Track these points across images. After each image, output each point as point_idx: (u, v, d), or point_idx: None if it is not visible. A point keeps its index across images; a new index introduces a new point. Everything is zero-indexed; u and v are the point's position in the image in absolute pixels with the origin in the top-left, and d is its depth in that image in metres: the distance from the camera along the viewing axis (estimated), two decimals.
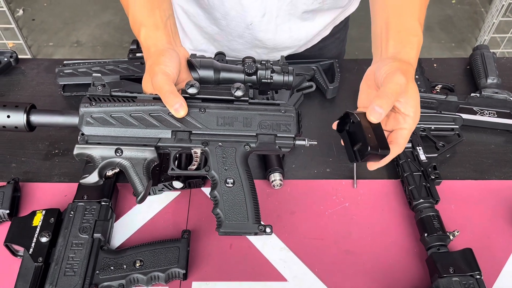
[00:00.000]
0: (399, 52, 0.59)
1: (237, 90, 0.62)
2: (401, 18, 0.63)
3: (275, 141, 0.63)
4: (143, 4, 0.67)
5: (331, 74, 0.92)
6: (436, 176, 0.73)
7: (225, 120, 0.63)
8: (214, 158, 0.62)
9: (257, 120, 0.63)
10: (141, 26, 0.66)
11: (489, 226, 0.72)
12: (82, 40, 2.56)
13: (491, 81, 0.89)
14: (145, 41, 0.66)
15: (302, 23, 0.90)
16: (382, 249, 0.69)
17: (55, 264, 0.62)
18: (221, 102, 0.63)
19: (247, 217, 0.60)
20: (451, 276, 0.61)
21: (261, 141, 0.63)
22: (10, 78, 0.95)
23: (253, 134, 0.63)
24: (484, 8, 2.72)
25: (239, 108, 0.63)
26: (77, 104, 0.89)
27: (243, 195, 0.61)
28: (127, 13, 0.70)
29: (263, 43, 0.92)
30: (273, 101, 0.65)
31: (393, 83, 0.54)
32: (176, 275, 0.64)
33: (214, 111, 0.62)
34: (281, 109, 0.64)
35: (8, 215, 0.70)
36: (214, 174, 0.62)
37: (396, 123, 0.60)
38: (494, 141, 0.84)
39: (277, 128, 0.63)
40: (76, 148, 0.61)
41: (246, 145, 0.63)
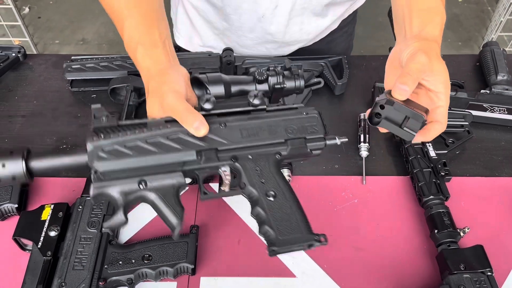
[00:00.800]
0: (422, 30, 0.60)
1: (255, 98, 0.59)
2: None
3: (306, 144, 0.60)
4: (140, 22, 0.62)
5: (339, 70, 0.92)
6: (446, 172, 0.73)
7: (249, 132, 0.59)
8: (248, 172, 0.57)
9: (282, 126, 0.60)
10: (138, 45, 0.61)
11: (500, 223, 0.71)
12: (87, 38, 2.57)
13: (501, 78, 0.88)
14: (143, 61, 0.61)
15: (314, 17, 0.90)
16: (392, 246, 0.69)
17: (63, 258, 0.62)
18: (238, 114, 0.60)
19: (301, 229, 0.54)
20: (462, 273, 0.61)
21: (292, 146, 0.59)
22: (18, 73, 0.96)
23: (282, 140, 0.59)
24: (491, 7, 2.70)
25: (259, 117, 0.60)
26: (85, 99, 0.90)
27: (289, 205, 0.56)
28: (121, 32, 0.64)
29: (273, 37, 0.92)
30: (290, 105, 0.63)
31: (414, 62, 0.55)
32: (184, 270, 0.64)
33: (235, 124, 0.59)
34: (302, 112, 0.62)
35: (16, 209, 0.70)
36: (251, 190, 0.57)
37: (431, 103, 0.60)
38: (504, 138, 0.83)
39: (304, 131, 0.60)
40: (93, 188, 0.52)
41: (277, 153, 0.59)
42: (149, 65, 0.60)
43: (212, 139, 0.57)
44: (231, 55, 0.92)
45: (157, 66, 0.60)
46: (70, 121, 0.86)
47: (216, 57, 0.92)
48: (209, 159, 0.57)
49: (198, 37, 1.00)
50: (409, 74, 0.55)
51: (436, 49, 0.58)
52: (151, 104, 0.59)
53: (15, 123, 0.86)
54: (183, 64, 0.92)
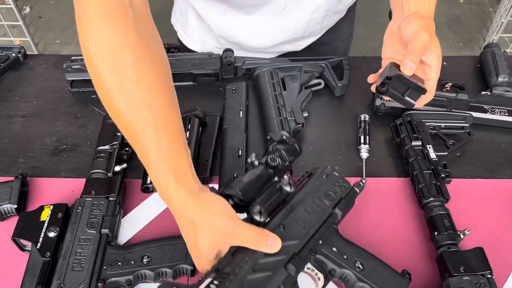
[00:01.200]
0: (420, 8, 0.65)
1: (289, 186, 0.59)
2: None
3: (348, 198, 0.63)
4: (169, 147, 0.53)
5: (340, 71, 0.92)
6: (446, 174, 0.73)
7: (304, 220, 0.59)
8: (330, 257, 0.59)
9: (322, 198, 0.61)
10: (170, 175, 0.52)
11: (500, 225, 0.71)
12: None
13: (502, 80, 0.88)
14: (178, 195, 0.52)
15: (334, 15, 0.93)
16: (392, 248, 0.68)
17: (62, 259, 0.62)
18: (279, 211, 0.58)
19: (395, 278, 0.60)
20: (462, 275, 0.60)
21: (341, 211, 0.62)
22: (19, 73, 0.96)
23: (330, 211, 0.61)
24: (493, 8, 2.70)
25: (298, 202, 0.60)
26: (85, 99, 0.90)
27: (375, 263, 0.60)
28: (143, 156, 0.54)
29: (291, 32, 0.91)
30: (308, 173, 0.65)
31: (419, 41, 0.61)
32: (184, 271, 0.64)
33: (289, 220, 0.58)
34: (321, 175, 0.64)
35: (16, 210, 0.70)
36: (343, 271, 0.58)
37: (424, 74, 0.66)
38: (505, 140, 0.83)
39: (336, 191, 0.63)
40: None
41: (333, 224, 0.61)
42: (186, 198, 0.52)
43: (286, 246, 0.55)
44: (231, 55, 0.92)
45: (193, 195, 0.52)
46: (70, 121, 0.86)
47: (217, 57, 0.92)
48: (298, 267, 0.55)
49: (213, 39, 0.97)
50: (415, 52, 0.61)
51: (433, 27, 0.64)
52: (205, 240, 0.52)
53: (15, 123, 0.86)
54: (183, 65, 0.92)
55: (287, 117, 0.81)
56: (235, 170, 0.74)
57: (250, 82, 0.91)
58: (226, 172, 0.74)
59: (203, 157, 0.77)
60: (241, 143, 0.78)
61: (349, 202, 0.64)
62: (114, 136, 0.76)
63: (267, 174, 0.59)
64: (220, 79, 0.93)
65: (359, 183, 0.66)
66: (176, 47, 0.94)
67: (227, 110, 0.84)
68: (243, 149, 0.77)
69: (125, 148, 0.77)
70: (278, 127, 0.79)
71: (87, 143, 0.82)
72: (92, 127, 0.85)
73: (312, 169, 0.65)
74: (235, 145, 0.78)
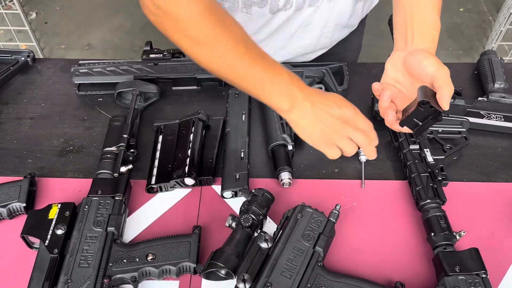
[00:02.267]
0: (423, 44, 0.68)
1: (265, 242, 0.63)
2: (424, 11, 0.69)
3: (325, 232, 0.65)
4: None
5: (340, 77, 0.94)
6: (443, 177, 0.74)
7: (290, 271, 0.62)
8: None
9: (301, 241, 0.64)
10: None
11: (496, 228, 0.73)
12: (93, 43, 2.60)
13: (498, 86, 0.90)
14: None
15: (344, 29, 0.96)
16: (390, 248, 0.70)
17: (70, 256, 0.64)
18: (264, 268, 0.62)
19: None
20: (457, 275, 0.62)
21: (321, 247, 0.64)
22: (27, 77, 0.98)
23: (312, 251, 0.64)
24: (492, 17, 2.73)
25: (280, 254, 0.63)
26: (92, 102, 0.92)
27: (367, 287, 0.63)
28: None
29: (303, 48, 0.97)
30: (284, 217, 0.67)
31: (445, 74, 0.64)
32: (187, 269, 0.66)
33: (273, 276, 0.61)
34: (297, 216, 0.66)
35: (24, 208, 0.72)
36: None
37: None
38: (501, 145, 0.85)
39: (314, 228, 0.65)
40: None
41: (317, 262, 0.63)
42: (315, 93, 0.69)
43: None
44: None
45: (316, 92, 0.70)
46: (77, 123, 0.89)
47: None
48: None
49: None
50: (450, 85, 0.64)
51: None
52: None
53: (24, 125, 0.88)
54: (188, 69, 0.94)
55: None
56: (238, 172, 0.76)
57: None
58: (228, 174, 0.76)
59: (206, 159, 0.79)
60: (243, 145, 0.80)
61: (328, 235, 0.66)
62: (120, 138, 0.79)
63: (246, 234, 0.65)
64: (224, 83, 0.95)
65: (333, 211, 0.68)
66: (181, 53, 0.96)
67: (230, 114, 0.86)
68: (245, 152, 0.79)
69: (130, 149, 0.80)
70: (279, 130, 0.81)
71: (93, 145, 0.84)
72: (98, 129, 0.87)
73: (287, 212, 0.68)
74: (237, 147, 0.80)
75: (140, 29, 2.65)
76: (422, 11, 0.70)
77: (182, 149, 0.78)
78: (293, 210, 0.68)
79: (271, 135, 0.82)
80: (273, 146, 0.80)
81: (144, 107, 0.91)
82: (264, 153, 0.83)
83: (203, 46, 0.65)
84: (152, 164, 0.78)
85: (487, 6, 2.82)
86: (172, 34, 0.65)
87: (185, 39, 0.65)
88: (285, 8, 0.85)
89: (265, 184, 0.76)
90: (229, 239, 0.65)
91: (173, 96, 0.94)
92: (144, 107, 0.91)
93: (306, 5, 0.85)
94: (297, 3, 0.84)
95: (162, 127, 0.84)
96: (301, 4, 0.85)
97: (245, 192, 0.73)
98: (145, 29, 2.65)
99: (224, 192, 0.75)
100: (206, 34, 0.63)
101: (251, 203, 0.68)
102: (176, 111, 0.90)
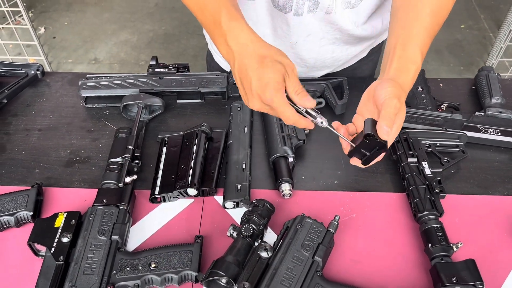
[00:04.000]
0: (398, 77, 0.66)
1: (265, 252, 0.65)
2: (406, 45, 0.69)
3: (325, 242, 0.67)
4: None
5: (340, 91, 0.96)
6: (440, 190, 0.76)
7: (289, 280, 0.63)
8: None
9: (300, 251, 0.65)
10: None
11: (492, 240, 0.74)
12: (99, 58, 2.65)
13: (496, 101, 0.92)
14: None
15: (346, 45, 0.96)
16: (388, 259, 0.71)
17: (75, 264, 0.66)
18: (264, 277, 0.63)
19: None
20: (454, 285, 0.63)
21: (320, 257, 0.65)
22: (36, 89, 1.01)
23: (311, 261, 0.65)
24: (493, 33, 2.76)
25: (279, 263, 0.64)
26: (98, 115, 0.95)
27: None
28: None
29: (304, 62, 0.98)
30: (285, 227, 0.69)
31: (392, 108, 0.63)
32: (188, 278, 0.67)
33: (273, 285, 0.62)
34: (296, 226, 0.68)
35: (31, 217, 0.74)
36: None
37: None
38: (498, 158, 0.87)
39: (314, 238, 0.67)
40: None
41: (316, 271, 0.65)
42: (255, 37, 0.66)
43: None
44: None
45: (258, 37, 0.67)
46: (84, 135, 0.91)
47: (224, 77, 0.97)
48: None
49: None
50: (391, 118, 0.63)
51: (404, 97, 0.66)
52: (274, 70, 0.63)
53: (32, 136, 0.91)
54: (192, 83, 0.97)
55: (289, 134, 0.85)
56: (239, 183, 0.78)
57: None
58: (230, 185, 0.78)
59: (209, 170, 0.81)
60: (245, 157, 0.82)
61: (327, 245, 0.67)
62: (126, 149, 0.81)
63: (246, 244, 0.67)
64: (227, 97, 0.97)
65: (332, 222, 0.69)
66: (186, 67, 0.99)
67: (232, 126, 0.88)
68: (247, 163, 0.81)
69: (135, 160, 0.82)
70: (281, 143, 0.83)
71: (99, 156, 0.87)
72: (104, 141, 0.89)
73: (287, 222, 0.70)
74: (239, 159, 0.82)
75: (146, 44, 2.71)
76: (405, 43, 0.68)
77: (185, 160, 0.80)
78: (293, 220, 0.70)
79: (272, 147, 0.84)
80: (274, 158, 0.82)
81: (149, 120, 0.93)
82: (265, 165, 0.85)
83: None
84: (156, 175, 0.81)
85: (487, 23, 2.86)
86: None
87: None
88: (284, 9, 0.87)
89: (266, 195, 0.78)
90: (230, 248, 0.66)
91: (178, 109, 0.96)
92: (149, 120, 0.93)
93: (306, 10, 0.87)
94: (296, 6, 0.86)
95: (166, 139, 0.86)
96: (300, 9, 0.87)
97: (246, 203, 0.75)
98: (150, 44, 2.71)
99: (225, 203, 0.76)
100: None
101: (252, 213, 0.70)
102: (180, 124, 0.93)
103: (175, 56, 2.63)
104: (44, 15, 2.96)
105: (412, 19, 0.70)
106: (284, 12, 0.88)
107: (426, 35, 0.70)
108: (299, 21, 0.89)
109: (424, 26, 0.70)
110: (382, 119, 0.63)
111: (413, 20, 0.70)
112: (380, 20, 0.96)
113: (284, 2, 0.86)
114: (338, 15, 0.88)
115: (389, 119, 0.63)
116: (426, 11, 0.70)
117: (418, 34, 0.69)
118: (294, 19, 0.89)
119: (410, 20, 0.70)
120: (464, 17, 2.88)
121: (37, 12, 2.99)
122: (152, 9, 2.97)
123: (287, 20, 0.90)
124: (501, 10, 2.91)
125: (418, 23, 0.70)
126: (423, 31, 0.70)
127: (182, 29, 2.82)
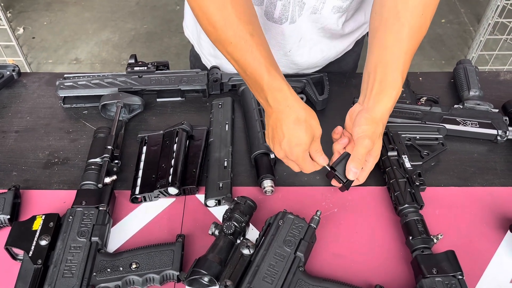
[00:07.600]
0: (378, 101, 0.70)
1: (247, 249, 0.65)
2: (387, 68, 0.70)
3: (306, 237, 0.67)
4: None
5: (320, 87, 0.96)
6: (420, 182, 0.77)
7: (271, 276, 0.63)
8: None
9: (282, 247, 0.65)
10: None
11: (472, 231, 0.75)
12: (81, 58, 2.61)
13: (473, 94, 0.93)
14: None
15: (333, 42, 0.97)
16: (369, 252, 0.72)
17: (53, 266, 0.65)
18: (247, 274, 0.63)
19: None
20: (435, 277, 0.64)
21: (302, 252, 0.65)
22: (12, 90, 0.99)
23: (294, 256, 0.65)
24: (473, 27, 2.80)
25: (262, 259, 0.64)
26: (76, 115, 0.94)
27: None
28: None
29: (297, 66, 0.99)
30: (267, 224, 0.69)
31: (362, 147, 0.69)
32: (170, 277, 0.66)
33: (255, 282, 0.62)
34: (278, 222, 0.68)
35: (8, 221, 0.72)
36: None
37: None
38: (477, 150, 0.88)
39: (296, 234, 0.67)
40: None
41: (298, 267, 0.65)
42: (295, 100, 0.71)
43: None
44: (217, 72, 0.97)
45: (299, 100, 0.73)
46: (62, 136, 0.89)
47: (204, 75, 0.96)
48: None
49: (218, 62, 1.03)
50: (359, 159, 0.69)
51: (380, 130, 0.71)
52: (308, 132, 0.70)
53: (9, 138, 0.89)
54: (172, 81, 0.96)
55: None
56: (221, 180, 0.77)
57: (236, 97, 0.96)
58: (212, 183, 0.78)
59: (190, 168, 0.80)
60: (227, 155, 0.82)
61: (309, 240, 0.67)
62: (105, 149, 0.80)
63: (228, 242, 0.66)
64: (207, 94, 0.97)
65: (314, 217, 0.69)
66: (165, 65, 0.98)
67: (213, 124, 0.88)
68: (228, 161, 0.81)
69: (115, 160, 0.81)
70: (262, 139, 0.83)
71: (78, 157, 0.85)
72: (83, 141, 0.88)
73: (269, 219, 0.70)
74: (221, 156, 0.81)
75: (128, 43, 2.68)
76: (386, 66, 0.70)
77: (165, 159, 0.79)
78: (275, 217, 0.70)
79: (254, 144, 0.84)
80: (256, 154, 0.82)
81: (129, 119, 0.92)
82: (247, 162, 0.85)
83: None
84: (136, 175, 0.80)
85: (468, 17, 2.90)
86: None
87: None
88: (280, 21, 0.87)
89: (248, 192, 0.78)
90: (212, 246, 0.66)
91: (158, 107, 0.95)
92: (129, 119, 0.92)
93: (297, 15, 0.87)
94: (292, 14, 0.86)
95: (146, 138, 0.85)
96: (295, 16, 0.87)
97: (228, 200, 0.74)
98: (132, 42, 2.68)
99: (207, 201, 0.76)
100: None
101: (234, 210, 0.70)
102: (160, 122, 0.92)
103: (158, 54, 2.60)
104: (23, 15, 2.91)
105: (392, 43, 0.71)
106: (280, 23, 0.88)
107: (406, 58, 0.71)
108: (293, 28, 0.90)
109: (404, 51, 0.71)
110: (351, 161, 0.70)
111: (392, 44, 0.71)
112: (363, 13, 0.97)
113: (280, 13, 0.86)
114: (324, 13, 0.88)
115: (358, 160, 0.69)
116: (405, 31, 0.70)
117: (398, 58, 0.71)
118: (289, 27, 0.89)
119: (390, 43, 0.71)
120: (445, 11, 2.92)
121: (15, 12, 2.93)
122: (133, 8, 2.93)
123: (283, 30, 0.90)
124: (481, 4, 2.95)
125: (396, 48, 0.71)
126: (403, 55, 0.71)
127: (164, 27, 2.80)
